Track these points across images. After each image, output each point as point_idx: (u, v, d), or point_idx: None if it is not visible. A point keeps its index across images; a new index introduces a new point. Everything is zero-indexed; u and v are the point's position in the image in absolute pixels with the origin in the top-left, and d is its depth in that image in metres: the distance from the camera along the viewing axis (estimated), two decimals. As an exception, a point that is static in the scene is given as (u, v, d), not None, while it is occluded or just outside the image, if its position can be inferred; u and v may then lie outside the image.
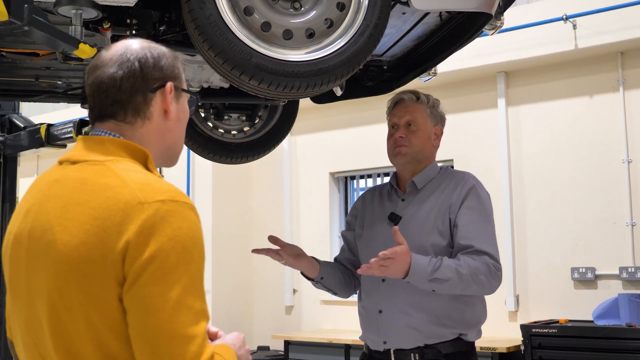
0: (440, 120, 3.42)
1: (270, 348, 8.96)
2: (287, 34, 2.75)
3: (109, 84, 1.78)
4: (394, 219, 3.27)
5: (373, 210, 3.45)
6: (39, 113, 10.03)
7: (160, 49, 1.85)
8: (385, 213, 3.35)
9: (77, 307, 1.59)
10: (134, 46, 1.82)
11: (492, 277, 3.08)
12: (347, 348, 7.75)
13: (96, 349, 1.58)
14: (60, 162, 1.80)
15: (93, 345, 1.58)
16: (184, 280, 1.57)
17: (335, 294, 3.53)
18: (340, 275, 3.48)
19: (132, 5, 2.71)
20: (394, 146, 3.34)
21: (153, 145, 1.83)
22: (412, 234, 3.14)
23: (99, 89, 1.79)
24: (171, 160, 1.94)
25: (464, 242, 3.12)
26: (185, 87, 1.92)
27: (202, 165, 9.04)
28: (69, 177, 1.72)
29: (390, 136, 3.39)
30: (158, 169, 1.83)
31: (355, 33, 2.80)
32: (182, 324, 1.54)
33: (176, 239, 1.58)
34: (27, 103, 9.24)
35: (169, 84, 1.83)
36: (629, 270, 6.86)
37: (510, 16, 7.05)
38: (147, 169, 1.77)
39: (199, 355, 1.53)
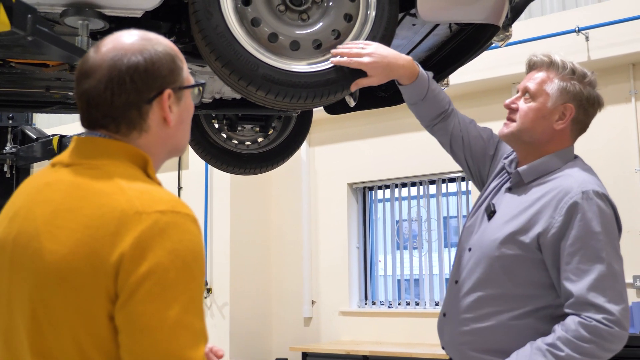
0: (574, 99, 2.58)
1: None
2: (295, 45, 2.72)
3: (98, 100, 1.60)
4: (489, 213, 2.65)
5: (491, 185, 2.80)
6: (57, 124, 10.06)
7: (154, 48, 1.64)
8: (492, 197, 2.73)
9: (62, 323, 1.45)
10: (125, 47, 1.62)
11: (605, 339, 2.29)
12: (365, 359, 7.67)
13: None
14: (53, 164, 1.64)
15: None
16: (184, 298, 1.43)
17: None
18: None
19: (139, 16, 2.68)
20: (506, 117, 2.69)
21: (153, 154, 1.67)
22: (490, 240, 2.57)
23: (89, 104, 1.62)
24: (178, 154, 1.78)
25: (564, 293, 2.39)
26: (187, 82, 1.72)
27: (220, 176, 9.03)
28: (62, 181, 1.57)
29: None
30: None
31: None
32: (180, 346, 1.41)
33: (176, 253, 1.44)
34: (45, 115, 9.30)
35: (167, 92, 1.64)
36: (642, 279, 6.84)
37: (525, 28, 7.09)
38: (147, 174, 1.62)
39: None
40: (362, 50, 2.69)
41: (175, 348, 1.40)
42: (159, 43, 1.66)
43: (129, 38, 1.65)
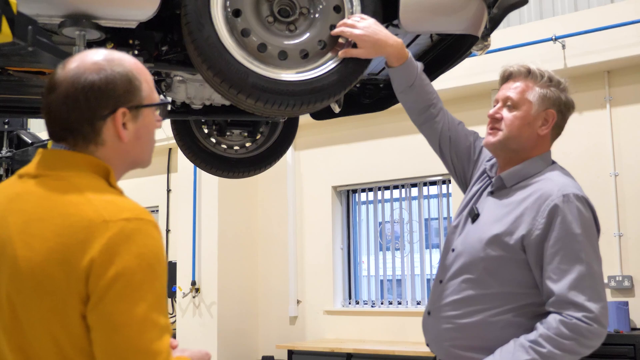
0: (554, 105, 2.64)
1: (275, 358, 8.94)
2: (283, 55, 2.77)
3: (56, 113, 1.69)
4: (472, 215, 2.69)
5: (473, 188, 2.83)
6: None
7: (113, 69, 1.70)
8: (475, 200, 2.76)
9: (40, 323, 1.55)
10: (86, 65, 1.70)
11: (585, 336, 2.34)
12: (349, 357, 7.72)
13: None
14: (20, 176, 1.72)
15: None
16: (150, 297, 1.54)
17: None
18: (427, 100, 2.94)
19: (134, 27, 2.73)
20: (488, 127, 2.70)
21: (113, 164, 1.74)
22: (475, 241, 2.61)
23: (49, 116, 1.70)
24: (141, 166, 1.85)
25: (546, 292, 2.43)
26: (147, 101, 1.77)
27: (209, 179, 9.03)
28: (30, 192, 1.65)
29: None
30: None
31: None
32: (148, 340, 1.51)
33: (142, 257, 1.54)
34: (39, 120, 9.29)
35: (119, 111, 1.70)
36: (617, 279, 6.92)
37: (504, 37, 7.15)
38: (109, 183, 1.71)
39: None
40: (357, 23, 2.77)
41: (143, 342, 1.51)
42: (120, 64, 1.72)
43: (93, 57, 1.72)
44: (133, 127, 1.74)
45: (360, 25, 2.76)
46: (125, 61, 1.74)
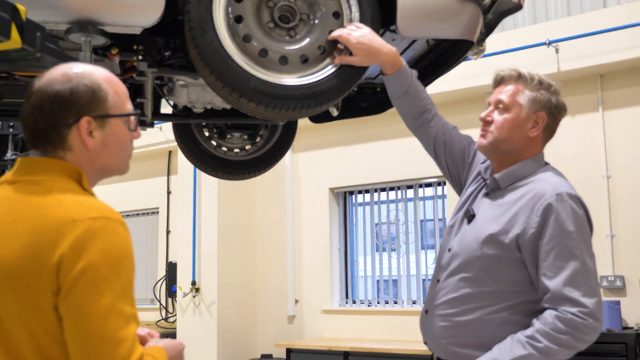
0: (544, 107, 2.66)
1: (274, 356, 8.96)
2: (283, 60, 2.78)
3: (26, 121, 1.79)
4: (468, 216, 2.72)
5: (469, 189, 2.86)
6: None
7: (79, 81, 1.79)
8: (471, 202, 2.79)
9: (15, 315, 1.64)
10: (57, 77, 1.79)
11: (580, 330, 2.38)
12: (346, 355, 7.74)
13: (36, 352, 1.64)
14: (0, 183, 1.82)
15: (33, 349, 1.64)
16: (115, 289, 1.62)
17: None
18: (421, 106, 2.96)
19: (138, 33, 2.75)
20: (480, 130, 2.73)
21: (85, 169, 1.82)
22: (471, 241, 2.63)
23: (22, 120, 1.81)
24: (115, 174, 1.93)
25: (541, 288, 2.46)
26: (113, 111, 1.84)
27: (209, 181, 9.06)
28: (8, 197, 1.75)
29: None
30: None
31: None
32: (113, 328, 1.60)
33: (107, 252, 1.63)
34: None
35: (84, 119, 1.78)
36: (609, 279, 6.97)
37: (498, 41, 7.16)
38: (82, 186, 1.79)
39: (129, 356, 1.60)
40: (352, 31, 2.79)
41: (108, 331, 1.60)
42: (88, 77, 1.81)
43: (66, 70, 1.81)
44: (100, 135, 1.82)
45: (356, 34, 2.79)
46: (95, 74, 1.83)
